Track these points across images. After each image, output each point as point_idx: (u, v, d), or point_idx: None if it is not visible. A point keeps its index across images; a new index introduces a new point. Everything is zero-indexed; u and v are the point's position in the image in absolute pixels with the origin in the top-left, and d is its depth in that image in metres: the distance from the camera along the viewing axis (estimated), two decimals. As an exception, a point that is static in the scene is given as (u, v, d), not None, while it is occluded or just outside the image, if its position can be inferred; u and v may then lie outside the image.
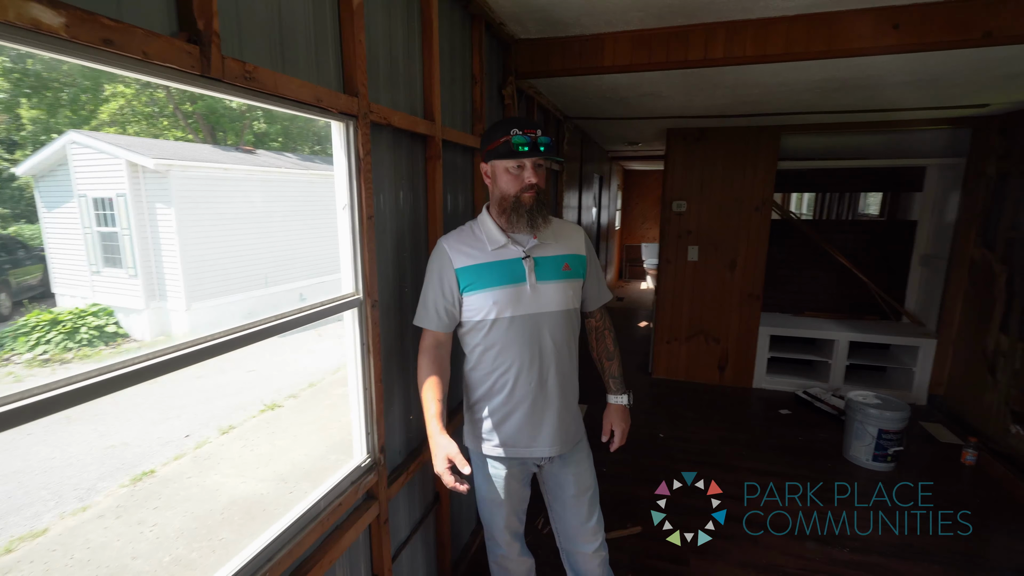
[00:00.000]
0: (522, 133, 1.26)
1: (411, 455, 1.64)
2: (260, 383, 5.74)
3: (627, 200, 10.06)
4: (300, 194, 8.98)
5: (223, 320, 7.31)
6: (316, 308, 1.16)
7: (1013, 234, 3.11)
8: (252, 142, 11.55)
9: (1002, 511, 2.52)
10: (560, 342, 1.37)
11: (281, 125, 12.52)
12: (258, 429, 4.64)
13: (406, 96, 1.51)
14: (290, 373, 6.07)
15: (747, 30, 2.00)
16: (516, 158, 1.27)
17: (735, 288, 4.06)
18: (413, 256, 1.62)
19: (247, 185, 8.10)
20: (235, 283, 7.63)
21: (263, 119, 11.71)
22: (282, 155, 10.02)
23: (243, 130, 11.45)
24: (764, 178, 3.86)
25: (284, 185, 8.77)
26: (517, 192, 1.30)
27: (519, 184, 1.30)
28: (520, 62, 2.31)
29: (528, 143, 1.26)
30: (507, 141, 1.27)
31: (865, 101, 2.81)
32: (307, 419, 4.87)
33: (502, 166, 1.31)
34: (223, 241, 7.45)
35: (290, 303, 8.47)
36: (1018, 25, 1.74)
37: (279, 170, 8.69)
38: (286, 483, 3.71)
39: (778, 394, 3.99)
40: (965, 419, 3.38)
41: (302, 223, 8.95)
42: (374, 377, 1.35)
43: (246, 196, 7.99)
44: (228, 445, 4.32)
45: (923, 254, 4.03)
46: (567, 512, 1.51)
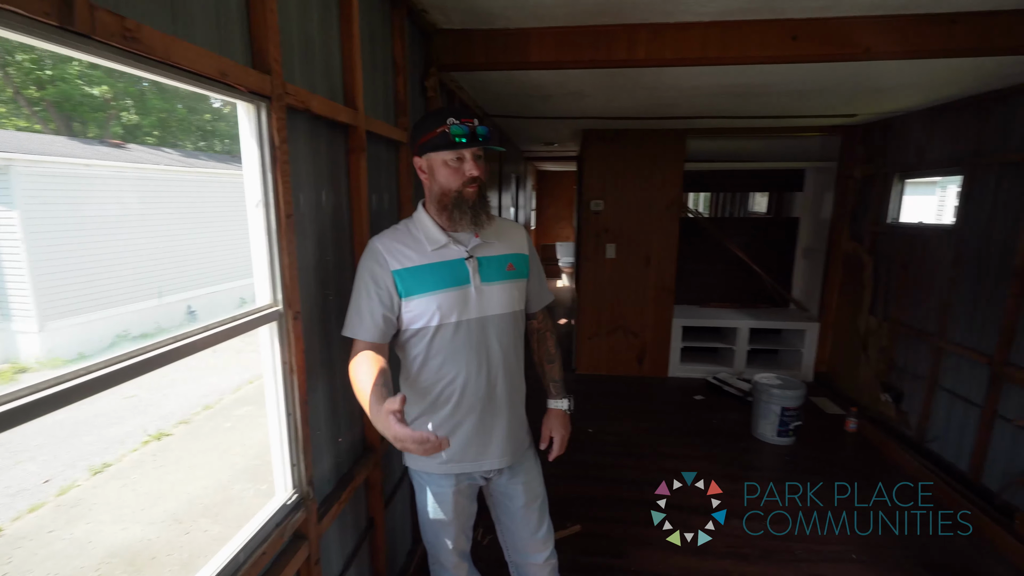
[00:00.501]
0: (459, 123, 1.17)
1: (342, 481, 1.47)
2: (143, 410, 4.99)
3: (541, 200, 10.26)
4: (187, 194, 7.98)
5: (91, 340, 6.27)
6: (226, 325, 0.97)
7: (876, 228, 3.59)
8: (121, 135, 10.07)
9: (881, 471, 2.88)
10: (508, 347, 1.29)
11: (157, 117, 11.07)
12: (141, 464, 4.01)
13: (324, 80, 1.34)
14: (180, 395, 5.35)
15: (667, 33, 2.06)
16: (454, 149, 1.17)
17: (650, 283, 4.26)
18: (337, 260, 1.44)
19: (119, 184, 7.02)
20: (106, 296, 6.58)
21: (133, 109, 10.27)
22: (160, 150, 8.86)
23: (108, 121, 9.95)
24: (673, 178, 4.10)
25: (166, 184, 7.74)
26: (459, 187, 1.20)
27: (460, 178, 1.20)
28: (443, 54, 2.20)
29: (466, 133, 1.16)
30: (444, 132, 1.16)
31: (761, 107, 3.06)
32: (204, 446, 4.31)
33: (440, 159, 1.20)
34: (89, 248, 6.38)
35: (176, 317, 7.49)
36: (892, 43, 1.97)
37: (159, 167, 7.66)
38: (181, 523, 3.23)
39: (691, 381, 4.25)
40: (845, 392, 3.84)
41: (192, 226, 7.97)
42: (298, 400, 1.17)
43: (117, 197, 6.93)
44: (102, 487, 3.69)
45: (805, 247, 4.54)
46: (516, 524, 1.44)
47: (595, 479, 2.76)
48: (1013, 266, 2.47)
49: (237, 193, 1.24)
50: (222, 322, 0.96)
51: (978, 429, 2.63)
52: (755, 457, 3.01)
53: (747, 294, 4.77)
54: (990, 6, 1.86)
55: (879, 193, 3.57)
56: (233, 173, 8.79)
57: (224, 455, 4.19)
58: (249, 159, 1.06)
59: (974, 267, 2.73)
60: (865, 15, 1.94)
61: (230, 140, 13.05)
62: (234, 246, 8.45)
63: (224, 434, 4.56)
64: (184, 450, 4.24)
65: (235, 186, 8.35)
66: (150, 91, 10.49)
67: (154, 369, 0.82)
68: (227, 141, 13.13)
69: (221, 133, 13.25)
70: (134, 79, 9.85)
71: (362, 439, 1.63)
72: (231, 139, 13.11)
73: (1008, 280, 2.49)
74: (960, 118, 2.88)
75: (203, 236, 8.12)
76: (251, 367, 5.91)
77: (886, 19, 1.95)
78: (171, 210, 7.72)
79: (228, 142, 12.95)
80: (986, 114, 2.70)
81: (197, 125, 12.69)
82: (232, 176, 8.77)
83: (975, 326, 2.70)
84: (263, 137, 1.06)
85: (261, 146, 1.06)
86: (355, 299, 1.22)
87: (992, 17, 1.91)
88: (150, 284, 7.18)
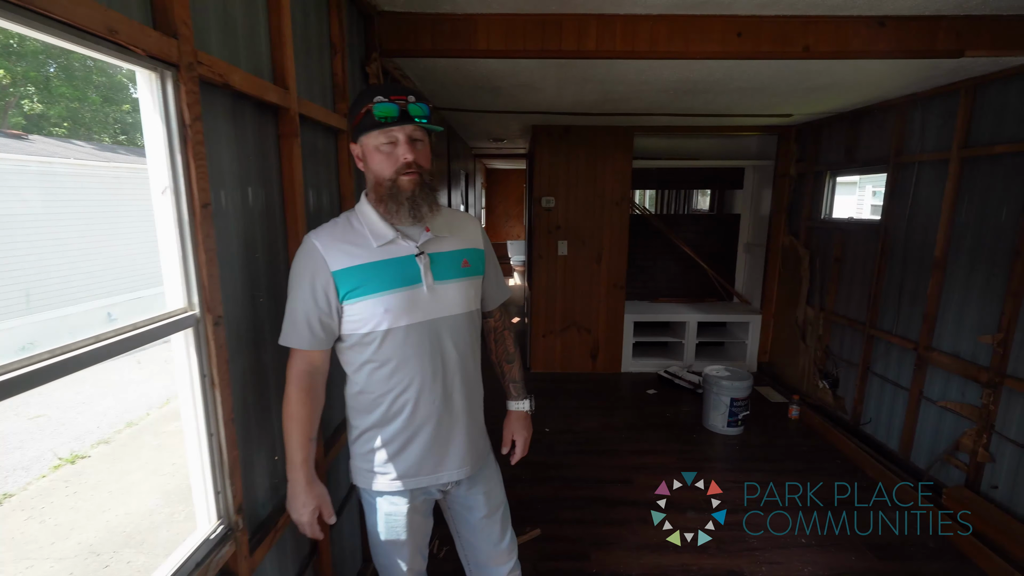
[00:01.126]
0: (387, 100, 1.03)
1: (280, 506, 1.31)
2: (52, 431, 4.47)
3: (491, 199, 10.18)
4: (105, 191, 7.26)
5: (-12, 355, 5.55)
6: (126, 334, 0.82)
7: (811, 223, 3.77)
8: (23, 126, 9.03)
9: (823, 456, 3.01)
10: (464, 349, 1.19)
11: (66, 106, 10.03)
12: (51, 492, 3.58)
13: (249, 53, 1.19)
14: (98, 414, 4.84)
15: (616, 24, 2.03)
16: (381, 129, 1.05)
17: (602, 280, 4.28)
18: (269, 258, 1.29)
19: (18, 179, 6.27)
20: (5, 305, 5.86)
21: (36, 97, 9.25)
22: (70, 143, 8.03)
23: (6, 109, 8.90)
24: (622, 175, 4.13)
25: (77, 180, 7.00)
26: (392, 174, 1.07)
27: (393, 164, 1.07)
28: (386, 37, 2.07)
29: (396, 111, 1.03)
30: (369, 111, 1.04)
31: (706, 104, 3.13)
32: (127, 467, 3.91)
33: (371, 144, 1.08)
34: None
35: (95, 325, 6.80)
36: (827, 43, 2.04)
37: (68, 162, 6.92)
38: (99, 556, 2.90)
39: (644, 375, 4.31)
40: (787, 380, 4.02)
41: (112, 226, 7.25)
42: (223, 418, 1.02)
43: (16, 192, 6.18)
44: (1, 521, 3.25)
45: (746, 243, 4.72)
46: (478, 536, 1.34)
47: (554, 480, 2.71)
48: (933, 258, 2.64)
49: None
50: (118, 331, 0.80)
51: (906, 411, 2.80)
52: (708, 448, 3.07)
53: (694, 289, 4.91)
54: (914, 11, 1.96)
55: (812, 190, 3.76)
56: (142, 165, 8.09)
57: (151, 476, 3.81)
58: (153, 139, 0.91)
59: (899, 259, 2.90)
60: (804, 15, 2.00)
61: (137, 132, 12.03)
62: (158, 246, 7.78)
63: (151, 452, 4.16)
64: (104, 473, 3.82)
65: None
66: (56, 77, 9.49)
67: (26, 390, 0.66)
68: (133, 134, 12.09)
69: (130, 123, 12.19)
70: (36, 63, 8.86)
71: (302, 455, 1.48)
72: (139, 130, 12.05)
73: (928, 271, 2.67)
74: (884, 120, 3.07)
75: (125, 236, 7.42)
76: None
77: (823, 19, 2.01)
78: (84, 209, 6.99)
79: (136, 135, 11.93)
80: (906, 116, 2.88)
81: (115, 117, 11.61)
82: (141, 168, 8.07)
83: (901, 314, 2.88)
84: (169, 112, 0.90)
85: (168, 123, 0.91)
86: (290, 304, 1.09)
87: (914, 22, 2.02)
88: (62, 289, 6.47)
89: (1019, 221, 2.21)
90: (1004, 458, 2.28)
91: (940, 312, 2.63)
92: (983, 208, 2.40)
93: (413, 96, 1.07)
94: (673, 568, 2.06)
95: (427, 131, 1.12)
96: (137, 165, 7.99)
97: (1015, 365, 2.23)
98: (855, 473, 2.79)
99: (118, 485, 3.68)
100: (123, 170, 7.68)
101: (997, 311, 2.30)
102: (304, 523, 1.13)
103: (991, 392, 2.31)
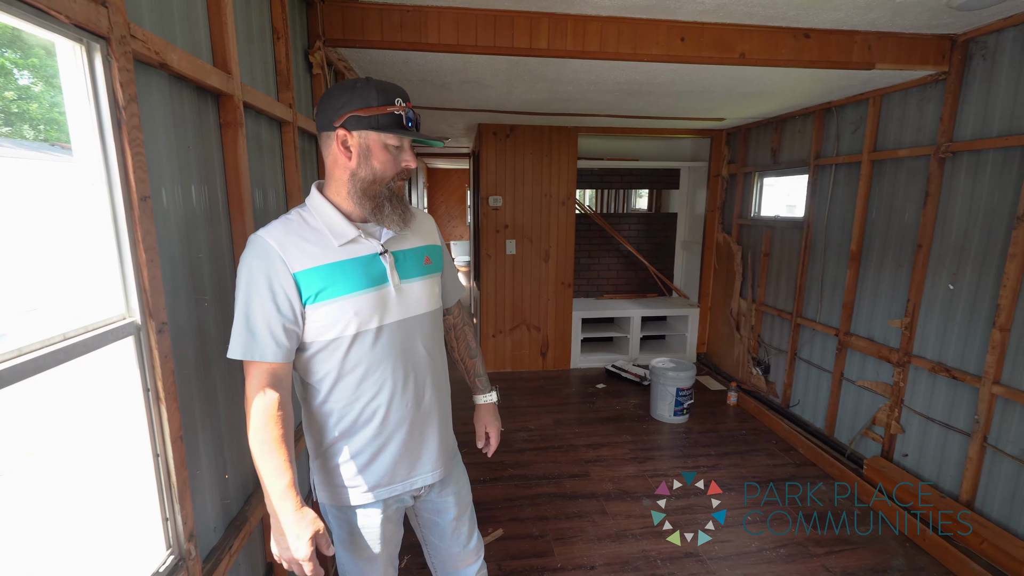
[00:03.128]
0: (407, 107, 1.01)
1: (232, 528, 1.21)
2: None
3: (433, 199, 10.02)
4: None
5: None
6: (53, 346, 0.71)
7: (742, 221, 4.03)
8: None
9: (759, 436, 3.22)
10: (432, 348, 1.15)
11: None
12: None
13: (186, 32, 1.08)
14: None
15: (567, 24, 2.06)
16: (403, 134, 1.00)
17: (550, 278, 4.34)
18: (213, 257, 1.18)
19: None
20: None
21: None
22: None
23: None
24: (567, 175, 4.20)
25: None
26: (392, 177, 1.04)
27: (396, 167, 1.03)
28: (330, 26, 1.96)
29: (415, 120, 1.03)
30: (394, 113, 0.99)
31: (648, 106, 3.25)
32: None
33: (381, 141, 1.00)
34: None
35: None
36: (760, 51, 2.18)
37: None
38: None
39: (592, 371, 4.42)
40: (724, 369, 4.27)
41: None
42: (170, 435, 0.91)
43: None
44: None
45: (683, 240, 4.96)
46: (447, 540, 1.31)
47: (512, 478, 2.71)
48: (850, 252, 2.90)
49: (62, 188, 0.93)
50: (38, 345, 0.69)
51: (829, 392, 3.06)
52: (657, 437, 3.19)
53: (636, 285, 5.09)
54: (833, 25, 2.14)
55: (742, 190, 4.02)
56: (56, 162, 7.22)
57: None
58: (78, 122, 0.80)
59: (820, 253, 3.17)
60: (740, 23, 2.12)
61: (47, 126, 10.72)
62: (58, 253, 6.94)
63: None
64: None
65: (60, 180, 6.82)
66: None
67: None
68: (43, 127, 10.78)
69: (33, 117, 10.85)
70: None
71: (253, 472, 1.37)
72: (49, 124, 10.73)
73: (846, 264, 2.93)
74: (804, 125, 3.34)
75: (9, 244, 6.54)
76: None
77: (756, 29, 2.15)
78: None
79: (45, 128, 10.64)
80: (823, 122, 3.15)
81: (32, 115, 10.23)
82: (56, 166, 7.20)
83: (824, 304, 3.14)
84: (99, 93, 0.80)
85: (97, 104, 0.80)
86: (245, 311, 0.96)
87: (834, 35, 2.20)
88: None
89: (919, 217, 2.48)
90: (912, 428, 2.54)
91: (857, 301, 2.90)
92: (891, 206, 2.67)
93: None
94: (634, 555, 2.12)
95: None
96: (23, 159, 7.09)
97: (919, 346, 2.50)
98: (789, 452, 3.01)
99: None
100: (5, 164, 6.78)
101: (904, 298, 2.57)
102: (303, 559, 0.93)
103: (900, 370, 2.57)
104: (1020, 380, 2.04)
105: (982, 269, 2.20)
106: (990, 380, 2.12)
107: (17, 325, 0.78)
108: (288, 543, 0.94)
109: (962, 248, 2.28)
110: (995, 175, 2.15)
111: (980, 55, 2.20)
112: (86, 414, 0.91)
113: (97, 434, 0.88)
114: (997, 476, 2.13)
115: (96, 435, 0.88)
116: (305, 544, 0.92)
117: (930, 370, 2.41)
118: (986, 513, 2.16)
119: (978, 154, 2.21)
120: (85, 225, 0.83)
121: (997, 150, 2.13)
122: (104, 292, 0.84)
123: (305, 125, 1.80)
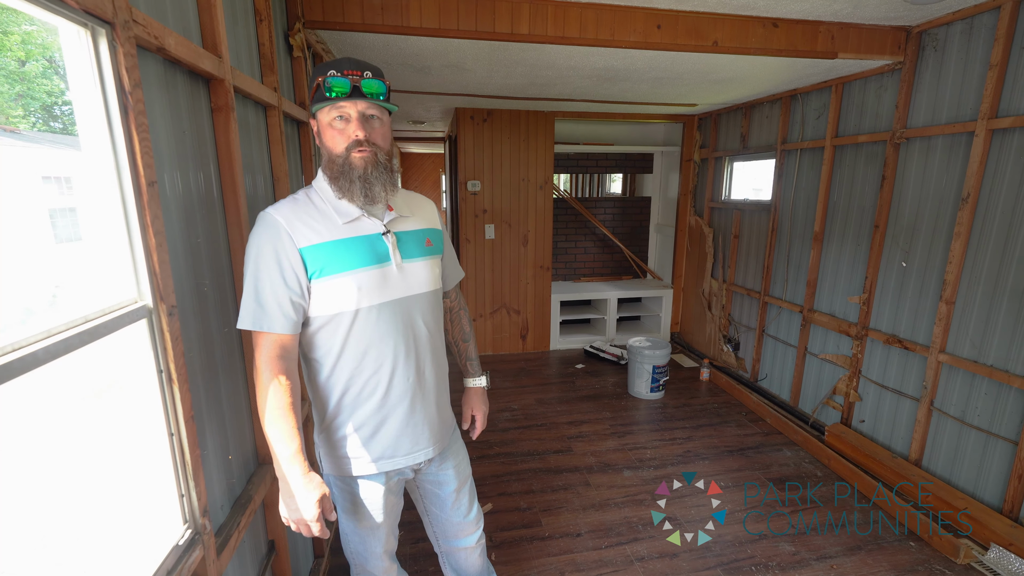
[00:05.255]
0: (340, 75, 1.02)
1: (237, 506, 1.24)
2: None
3: (407, 184, 9.90)
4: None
5: None
6: (65, 333, 0.73)
7: (713, 204, 4.17)
8: None
9: (731, 409, 3.41)
10: (432, 327, 1.21)
11: None
12: None
13: (177, 15, 1.07)
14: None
15: (548, 9, 2.09)
16: (331, 103, 1.03)
17: (529, 262, 4.40)
18: (210, 242, 1.19)
19: None
20: None
21: None
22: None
23: None
24: (545, 159, 4.25)
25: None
26: (342, 151, 1.05)
27: (344, 140, 1.05)
28: (310, 7, 1.94)
29: (348, 86, 1.01)
30: (321, 84, 1.02)
31: (624, 92, 3.31)
32: None
33: (324, 119, 1.06)
34: None
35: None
36: (732, 39, 2.27)
37: None
38: None
39: (571, 352, 4.53)
40: (696, 347, 4.45)
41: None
42: (183, 416, 0.94)
43: None
44: None
45: (657, 223, 5.10)
46: (447, 511, 1.37)
47: (498, 456, 2.79)
48: (813, 232, 3.07)
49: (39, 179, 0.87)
50: (56, 330, 0.71)
51: (795, 365, 3.26)
52: (635, 413, 3.33)
53: (612, 267, 5.22)
54: (800, 15, 2.24)
55: (713, 174, 4.15)
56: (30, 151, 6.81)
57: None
58: (87, 109, 0.80)
59: (786, 234, 3.33)
60: (713, 12, 2.20)
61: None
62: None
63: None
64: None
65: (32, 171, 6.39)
66: None
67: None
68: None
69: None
70: None
71: (254, 452, 1.40)
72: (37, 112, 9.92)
73: (810, 244, 3.10)
74: (771, 112, 3.47)
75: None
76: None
77: (728, 17, 2.23)
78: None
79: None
80: (789, 108, 3.29)
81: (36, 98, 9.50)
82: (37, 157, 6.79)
83: (789, 282, 3.32)
84: (105, 78, 0.80)
85: (103, 90, 0.80)
86: (254, 284, 1.01)
87: (800, 25, 2.31)
88: None
89: (876, 200, 2.64)
90: (868, 396, 2.75)
91: (820, 279, 3.07)
92: (851, 189, 2.83)
93: (369, 71, 1.05)
94: (616, 521, 2.24)
95: (386, 109, 1.10)
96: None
97: (876, 320, 2.69)
98: (758, 422, 3.20)
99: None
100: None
101: (862, 276, 2.75)
102: (311, 519, 0.99)
103: (859, 343, 2.76)
104: (963, 348, 2.23)
105: (931, 247, 2.38)
106: (937, 349, 2.31)
107: (41, 308, 0.79)
108: (297, 504, 0.99)
109: (914, 228, 2.46)
110: (943, 160, 2.31)
111: (932, 46, 2.34)
112: (105, 396, 0.93)
113: (115, 416, 0.90)
114: (941, 436, 2.33)
115: (115, 418, 0.91)
116: (313, 505, 0.98)
117: (884, 342, 2.60)
118: (931, 470, 2.37)
119: (928, 140, 2.37)
120: (94, 211, 0.84)
121: (945, 136, 2.29)
122: (116, 277, 0.85)
123: (289, 109, 1.79)
